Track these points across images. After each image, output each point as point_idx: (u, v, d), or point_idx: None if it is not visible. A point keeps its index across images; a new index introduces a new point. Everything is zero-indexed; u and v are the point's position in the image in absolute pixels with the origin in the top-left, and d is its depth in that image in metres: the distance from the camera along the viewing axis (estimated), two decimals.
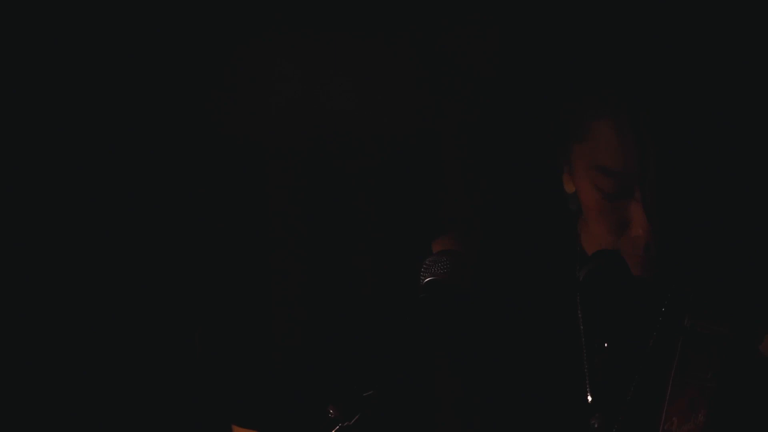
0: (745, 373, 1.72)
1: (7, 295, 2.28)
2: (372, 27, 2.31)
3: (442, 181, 2.34)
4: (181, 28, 2.30)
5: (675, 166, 1.65)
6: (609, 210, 1.69)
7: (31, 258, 2.29)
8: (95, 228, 2.31)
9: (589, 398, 1.77)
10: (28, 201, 2.29)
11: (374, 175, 2.35)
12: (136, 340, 2.31)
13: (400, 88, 2.31)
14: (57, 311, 2.29)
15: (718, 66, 1.73)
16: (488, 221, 2.03)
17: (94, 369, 2.30)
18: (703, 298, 1.75)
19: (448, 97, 2.28)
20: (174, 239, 2.34)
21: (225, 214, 2.36)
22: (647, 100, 1.65)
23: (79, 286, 2.30)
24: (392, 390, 1.73)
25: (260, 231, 2.37)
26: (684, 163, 1.65)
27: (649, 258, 1.69)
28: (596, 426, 1.74)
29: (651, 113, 1.64)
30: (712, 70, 1.72)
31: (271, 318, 2.38)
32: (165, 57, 2.30)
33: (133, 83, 2.30)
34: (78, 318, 2.30)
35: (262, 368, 2.34)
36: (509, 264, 1.82)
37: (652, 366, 1.74)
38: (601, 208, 1.70)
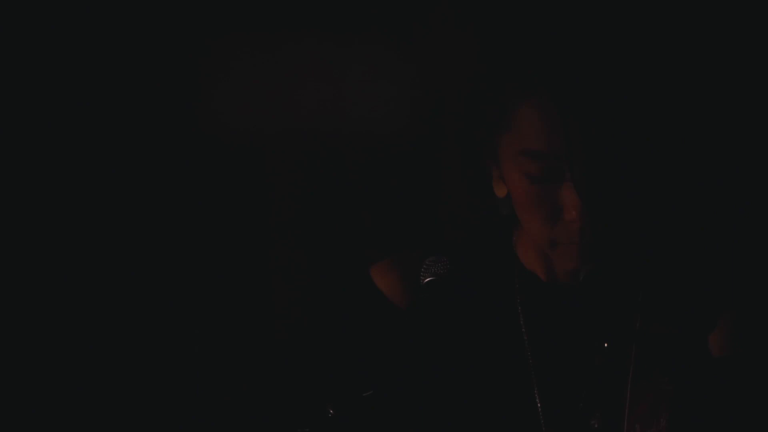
0: (703, 373, 1.71)
1: (6, 295, 2.28)
2: (370, 26, 2.32)
3: (441, 182, 2.34)
4: (179, 26, 2.30)
5: (602, 144, 1.64)
6: (540, 197, 1.67)
7: (31, 258, 2.29)
8: (95, 228, 2.31)
9: (539, 407, 1.75)
10: (27, 201, 2.29)
11: (374, 174, 2.35)
12: (135, 340, 2.31)
13: (400, 87, 2.32)
14: (57, 311, 2.30)
15: (641, 42, 1.73)
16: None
17: (94, 369, 2.30)
18: (652, 297, 1.74)
19: (445, 98, 2.29)
20: (174, 239, 2.34)
21: (224, 213, 2.36)
22: (569, 80, 1.64)
23: (79, 286, 2.30)
24: (391, 390, 1.73)
25: (259, 231, 2.37)
26: (611, 140, 1.65)
27: (584, 245, 1.68)
28: (596, 426, 1.74)
29: (574, 92, 1.63)
30: (635, 45, 1.71)
31: (271, 318, 2.38)
32: (163, 56, 2.30)
33: (133, 82, 2.30)
34: (78, 318, 2.30)
35: (262, 368, 2.34)
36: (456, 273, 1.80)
37: (608, 373, 1.73)
38: (532, 196, 1.67)
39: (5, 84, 2.27)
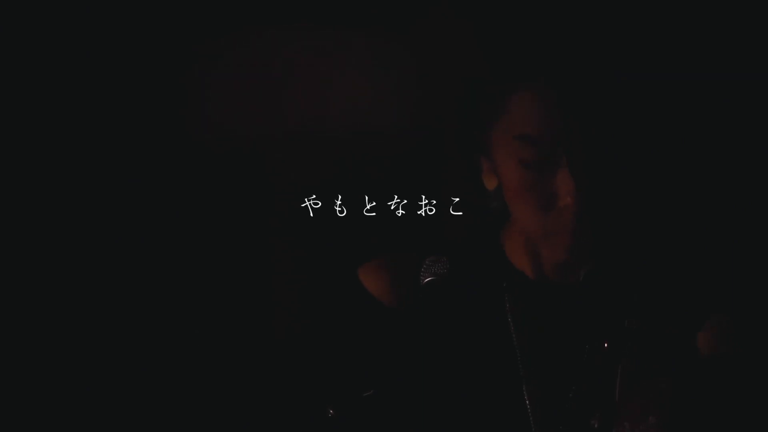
0: (695, 372, 1.70)
1: (6, 296, 2.28)
2: (369, 25, 2.32)
3: (441, 181, 2.34)
4: (179, 26, 2.30)
5: (602, 131, 1.64)
6: (534, 183, 1.66)
7: (30, 258, 2.29)
8: (96, 229, 2.31)
9: (528, 406, 1.75)
10: (28, 201, 2.29)
11: (374, 174, 2.35)
12: (135, 340, 2.31)
13: (399, 85, 2.32)
14: (57, 311, 2.30)
15: (641, 30, 1.73)
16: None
17: (94, 369, 2.30)
18: (643, 295, 1.74)
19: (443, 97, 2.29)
20: (174, 239, 2.34)
21: (225, 213, 2.36)
22: (571, 67, 1.64)
23: (80, 286, 2.31)
24: (392, 390, 1.73)
25: (259, 231, 2.37)
26: (611, 127, 1.64)
27: (576, 236, 1.67)
28: (596, 426, 1.74)
29: (575, 79, 1.63)
30: (634, 34, 1.71)
31: (270, 318, 2.38)
32: (162, 56, 2.31)
33: (132, 83, 2.30)
34: (78, 318, 2.30)
35: (262, 369, 2.34)
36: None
37: (597, 371, 1.72)
38: (526, 182, 1.66)
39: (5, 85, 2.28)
